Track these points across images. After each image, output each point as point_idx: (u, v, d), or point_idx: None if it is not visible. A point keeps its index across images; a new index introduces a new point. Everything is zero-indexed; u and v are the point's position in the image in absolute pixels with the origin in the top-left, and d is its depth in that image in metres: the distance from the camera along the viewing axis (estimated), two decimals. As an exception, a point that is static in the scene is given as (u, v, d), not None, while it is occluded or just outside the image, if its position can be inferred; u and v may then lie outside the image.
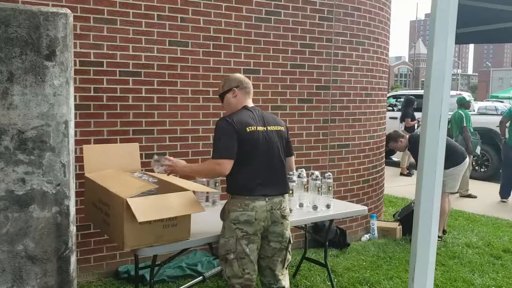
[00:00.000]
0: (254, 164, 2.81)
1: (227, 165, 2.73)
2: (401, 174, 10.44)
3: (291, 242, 2.99)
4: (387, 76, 6.08)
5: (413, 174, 10.52)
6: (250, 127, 2.80)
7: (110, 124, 4.06)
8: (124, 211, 2.63)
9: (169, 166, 2.98)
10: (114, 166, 3.34)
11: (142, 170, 3.66)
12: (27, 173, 2.20)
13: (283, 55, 4.85)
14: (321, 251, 4.90)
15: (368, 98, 5.49)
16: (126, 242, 2.66)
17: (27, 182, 2.20)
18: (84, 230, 4.02)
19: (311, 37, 4.98)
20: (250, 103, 2.99)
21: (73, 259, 2.36)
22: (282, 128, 3.00)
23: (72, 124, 2.33)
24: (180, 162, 3.03)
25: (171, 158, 3.04)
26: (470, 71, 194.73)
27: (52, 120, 2.23)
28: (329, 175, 3.68)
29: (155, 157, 3.12)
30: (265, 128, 2.88)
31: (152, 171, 4.04)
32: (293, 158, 3.13)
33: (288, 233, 2.93)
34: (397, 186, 9.00)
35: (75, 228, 2.39)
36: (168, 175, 3.09)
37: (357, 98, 5.37)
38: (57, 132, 2.25)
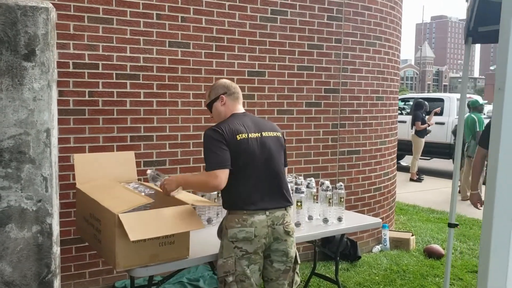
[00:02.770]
0: (249, 175, 2.53)
1: (222, 176, 2.44)
2: (411, 179, 10.14)
3: (298, 262, 2.71)
4: (399, 78, 5.81)
5: (423, 179, 10.23)
6: (240, 135, 2.52)
7: (106, 130, 3.81)
8: (116, 227, 2.38)
9: (165, 185, 2.69)
10: (108, 176, 3.09)
11: (139, 180, 3.41)
12: (3, 188, 1.94)
13: (290, 56, 4.59)
14: (330, 264, 4.64)
15: (379, 102, 5.22)
16: (118, 261, 2.41)
17: (3, 198, 1.95)
18: (79, 243, 3.77)
19: (319, 38, 4.72)
20: (240, 109, 2.72)
21: (56, 283, 2.10)
22: (279, 134, 2.71)
23: (55, 133, 2.08)
24: (171, 177, 2.75)
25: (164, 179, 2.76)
26: (476, 73, 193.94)
27: (32, 128, 1.98)
28: (341, 185, 3.40)
29: (151, 172, 2.87)
30: (259, 135, 2.59)
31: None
32: (286, 170, 2.81)
33: (293, 251, 2.65)
34: (407, 192, 8.72)
35: (59, 249, 2.13)
36: (161, 188, 2.78)
37: (368, 102, 5.10)
38: (37, 142, 1.99)
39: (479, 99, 8.84)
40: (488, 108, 17.35)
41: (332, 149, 4.89)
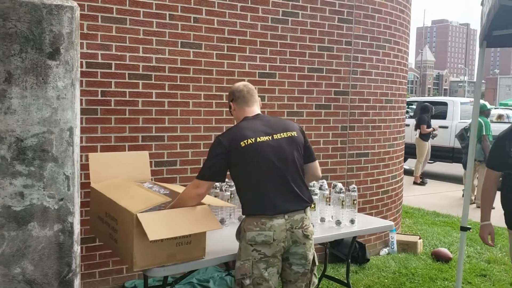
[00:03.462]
0: (263, 179, 2.52)
1: (206, 187, 2.57)
2: (415, 183, 10.14)
3: (316, 264, 2.71)
4: (407, 81, 5.82)
5: (426, 183, 10.22)
6: (245, 141, 2.51)
7: (118, 130, 3.81)
8: (134, 227, 2.37)
9: None
10: (122, 175, 3.09)
11: (151, 179, 3.41)
12: (26, 187, 1.94)
13: (300, 58, 4.59)
14: (339, 267, 4.64)
15: (388, 105, 5.22)
16: (136, 261, 2.40)
17: (26, 196, 1.95)
18: (89, 243, 3.76)
19: (330, 40, 4.73)
20: (252, 111, 2.71)
21: (76, 282, 2.10)
22: (295, 133, 2.67)
23: (77, 131, 2.08)
24: None
25: None
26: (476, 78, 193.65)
27: (55, 127, 1.98)
28: (354, 188, 3.40)
29: None
30: (269, 138, 2.57)
31: (162, 180, 3.80)
32: (316, 164, 2.80)
33: (311, 254, 2.64)
34: (411, 195, 8.70)
35: (79, 248, 2.13)
36: None
37: (377, 105, 5.10)
38: (60, 140, 1.99)
39: (486, 103, 8.84)
40: (493, 112, 17.33)
41: (341, 151, 4.89)
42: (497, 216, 3.66)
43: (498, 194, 3.34)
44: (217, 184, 3.49)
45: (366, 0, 4.91)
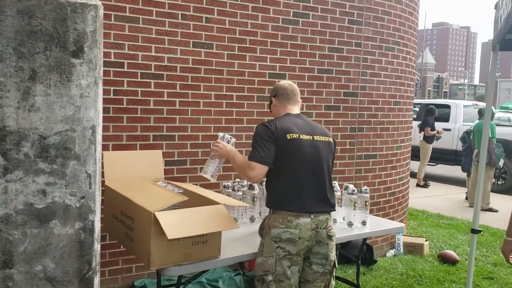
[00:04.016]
0: (297, 176, 2.55)
1: (259, 170, 2.54)
2: (418, 185, 10.14)
3: (336, 266, 2.72)
4: (414, 84, 5.82)
5: (429, 185, 10.23)
6: (291, 134, 2.56)
7: (129, 128, 3.81)
8: (151, 226, 2.38)
9: (217, 147, 2.78)
10: (136, 174, 3.09)
11: (164, 178, 3.41)
12: (49, 184, 1.95)
13: (310, 59, 4.60)
14: (347, 268, 4.64)
15: (396, 107, 5.23)
16: (153, 260, 2.41)
17: (48, 194, 1.95)
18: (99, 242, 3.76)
19: (340, 41, 4.73)
20: (293, 110, 2.76)
21: (96, 281, 2.10)
22: (331, 140, 2.74)
23: (99, 130, 2.08)
24: (227, 146, 2.80)
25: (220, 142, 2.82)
26: (476, 81, 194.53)
27: (78, 125, 1.98)
28: (366, 189, 3.41)
29: (220, 134, 2.93)
30: (311, 137, 2.62)
31: (172, 179, 3.80)
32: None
33: (333, 255, 2.66)
34: (415, 198, 8.70)
35: (99, 246, 2.13)
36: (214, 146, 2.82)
37: (386, 106, 5.11)
38: (83, 138, 2.00)
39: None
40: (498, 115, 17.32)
41: (349, 153, 4.89)
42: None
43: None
44: (229, 183, 3.51)
45: (376, 2, 4.92)
